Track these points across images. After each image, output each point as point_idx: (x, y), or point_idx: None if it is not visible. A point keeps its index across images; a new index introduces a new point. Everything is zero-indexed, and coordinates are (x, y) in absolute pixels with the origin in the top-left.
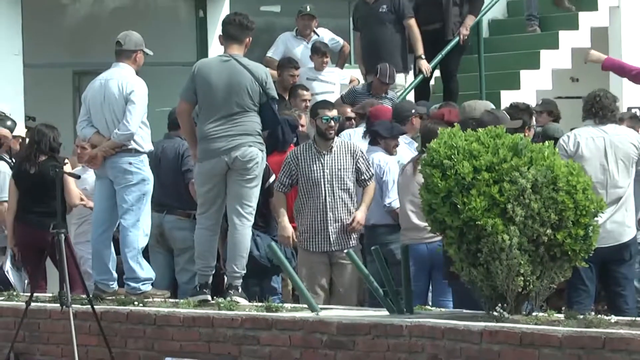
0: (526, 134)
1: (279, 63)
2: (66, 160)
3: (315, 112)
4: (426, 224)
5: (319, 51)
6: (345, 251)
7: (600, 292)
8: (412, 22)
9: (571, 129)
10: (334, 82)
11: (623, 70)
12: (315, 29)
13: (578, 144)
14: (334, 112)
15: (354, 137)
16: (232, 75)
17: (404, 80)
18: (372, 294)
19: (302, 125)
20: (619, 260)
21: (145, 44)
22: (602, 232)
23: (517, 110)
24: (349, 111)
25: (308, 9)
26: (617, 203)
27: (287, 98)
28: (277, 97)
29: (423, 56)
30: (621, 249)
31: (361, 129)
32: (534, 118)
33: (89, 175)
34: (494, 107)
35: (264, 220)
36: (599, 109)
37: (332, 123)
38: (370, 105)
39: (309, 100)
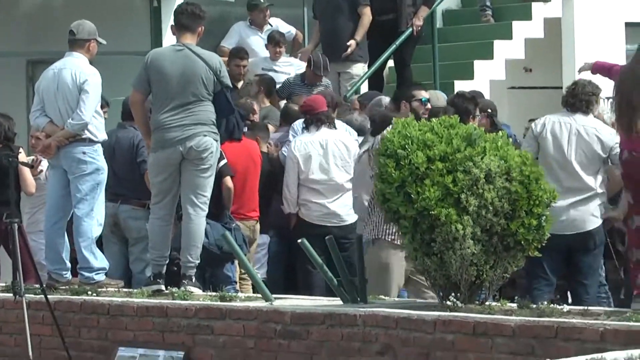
0: (470, 123)
1: (229, 53)
2: (20, 150)
3: (408, 95)
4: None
5: (273, 40)
6: (299, 241)
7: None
8: (367, 10)
9: (530, 120)
10: (289, 72)
11: (607, 71)
12: (268, 19)
13: (544, 125)
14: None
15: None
16: (187, 65)
17: (361, 70)
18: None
19: (255, 114)
20: (583, 249)
21: (99, 33)
22: (566, 219)
23: (463, 98)
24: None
25: (262, 1)
26: (580, 192)
27: (238, 88)
28: (231, 85)
29: (357, 41)
30: (586, 238)
31: None
32: (478, 108)
33: (43, 165)
34: (445, 97)
35: (216, 207)
36: (571, 97)
37: (428, 105)
38: (326, 95)
39: (245, 67)
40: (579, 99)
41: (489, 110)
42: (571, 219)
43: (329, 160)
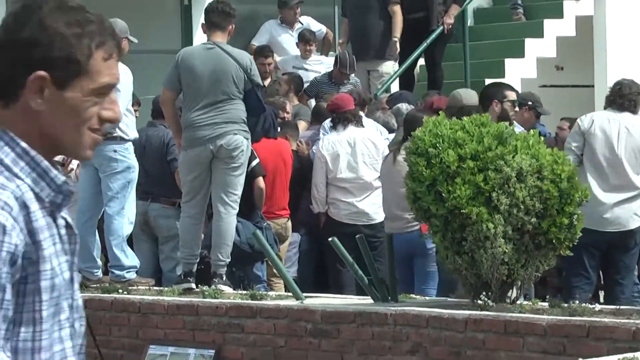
0: (493, 106)
1: (254, 51)
2: None
3: (501, 95)
4: (405, 213)
5: (304, 39)
6: (329, 239)
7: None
8: (397, 8)
9: (562, 119)
10: (319, 71)
11: None
12: (299, 17)
13: (593, 122)
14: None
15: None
16: (217, 63)
17: (391, 68)
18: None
19: (287, 113)
20: (623, 248)
21: (130, 31)
22: (610, 217)
23: (486, 87)
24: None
25: (294, 0)
26: (626, 190)
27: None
28: (261, 84)
29: (397, 39)
30: (627, 236)
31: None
32: (507, 93)
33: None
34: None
35: (247, 207)
36: (617, 97)
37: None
38: (355, 93)
39: (269, 65)
40: (627, 99)
41: (530, 103)
42: (615, 216)
43: (357, 159)
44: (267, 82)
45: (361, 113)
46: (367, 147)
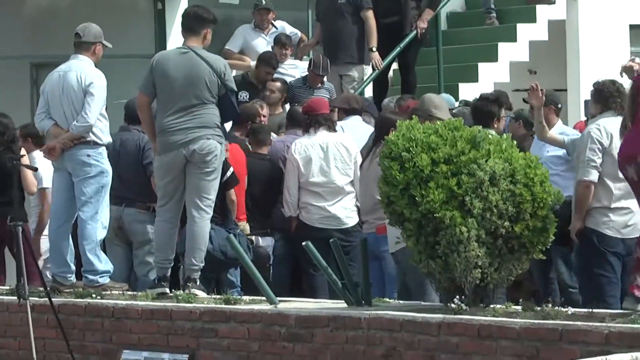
0: (495, 125)
1: (259, 57)
2: (23, 151)
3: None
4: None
5: (280, 42)
6: (303, 243)
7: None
8: (370, 13)
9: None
10: (294, 75)
11: None
12: (273, 21)
13: (611, 136)
14: None
15: (346, 129)
16: (191, 67)
17: (363, 73)
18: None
19: (264, 116)
20: None
21: (104, 36)
22: (633, 222)
23: (487, 101)
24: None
25: (264, 2)
26: None
27: (260, 89)
28: (235, 89)
29: (375, 49)
30: None
31: (348, 121)
32: (503, 109)
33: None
34: (453, 99)
35: (221, 213)
36: (617, 97)
37: None
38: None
39: (277, 91)
40: (622, 98)
41: (560, 106)
42: (635, 221)
43: (330, 163)
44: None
45: (359, 117)
46: (340, 151)
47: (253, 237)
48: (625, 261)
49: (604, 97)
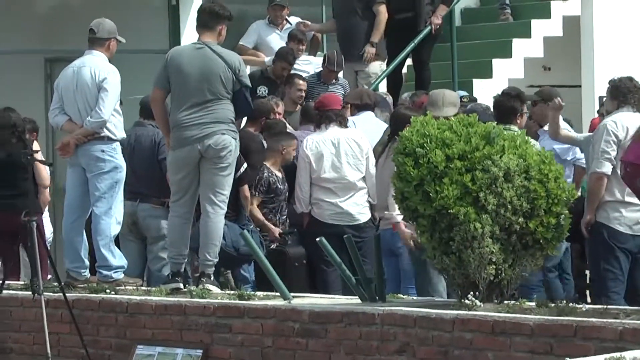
0: (518, 121)
1: (277, 52)
2: (37, 145)
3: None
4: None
5: (295, 38)
6: (317, 239)
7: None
8: (382, 8)
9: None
10: (308, 71)
11: None
12: (287, 17)
13: (627, 129)
14: None
15: (358, 125)
16: (206, 63)
17: (379, 68)
18: (345, 282)
19: (279, 113)
20: None
21: (118, 31)
22: None
23: (509, 97)
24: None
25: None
26: None
27: (279, 84)
28: (250, 85)
29: (375, 43)
30: None
31: (360, 116)
32: (525, 105)
33: None
34: (465, 94)
35: (234, 209)
36: (635, 93)
37: None
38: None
39: (304, 90)
40: None
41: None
42: None
43: (341, 159)
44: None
45: (372, 113)
46: (351, 147)
47: None
48: (636, 258)
49: (622, 92)
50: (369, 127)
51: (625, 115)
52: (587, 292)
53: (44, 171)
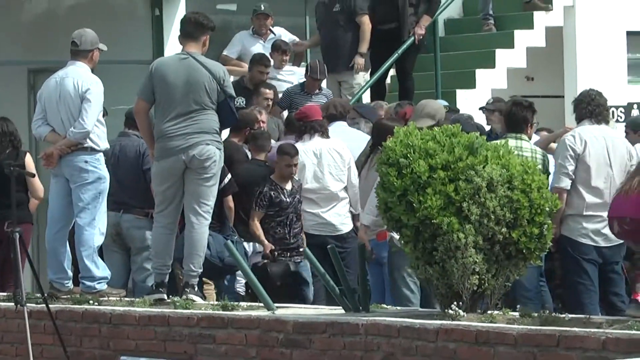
0: (528, 131)
1: (251, 58)
2: (29, 157)
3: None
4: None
5: (279, 49)
6: (301, 249)
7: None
8: (364, 19)
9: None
10: (292, 81)
11: None
12: (271, 27)
13: (585, 142)
14: None
15: (332, 135)
16: (190, 73)
17: (362, 79)
18: (329, 292)
19: (263, 122)
20: (616, 261)
21: (102, 42)
22: (608, 232)
23: (521, 107)
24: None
25: (262, 8)
26: None
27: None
28: (234, 95)
29: (362, 53)
30: (620, 249)
31: (332, 127)
32: (535, 116)
33: None
34: (446, 104)
35: (219, 220)
36: (595, 107)
37: None
38: (330, 104)
39: (271, 99)
40: (605, 108)
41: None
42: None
43: (324, 170)
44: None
45: (344, 123)
46: (333, 157)
47: (247, 244)
48: (605, 271)
49: (581, 105)
50: (342, 137)
51: (585, 129)
52: None
53: (36, 182)
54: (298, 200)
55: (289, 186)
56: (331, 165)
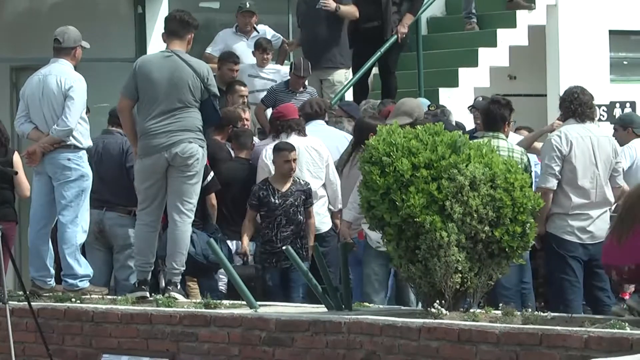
0: (505, 130)
1: (219, 57)
2: (17, 156)
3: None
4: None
5: (261, 47)
6: (283, 247)
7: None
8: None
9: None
10: (275, 80)
11: None
12: (255, 25)
13: (571, 143)
14: None
15: (310, 134)
16: (174, 71)
17: (343, 77)
18: (311, 291)
19: (247, 120)
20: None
21: (84, 40)
22: (594, 230)
23: (499, 105)
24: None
25: (247, 6)
26: (605, 205)
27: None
28: (218, 93)
29: (338, 8)
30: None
31: (309, 126)
32: (512, 114)
33: None
34: (428, 103)
35: (202, 217)
36: (578, 106)
37: None
38: (306, 103)
39: (247, 97)
40: (588, 106)
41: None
42: (597, 229)
43: (302, 167)
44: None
45: (322, 122)
46: (311, 155)
47: (231, 242)
48: (591, 266)
49: (566, 104)
50: (319, 136)
51: (571, 128)
52: None
53: (23, 180)
54: (291, 204)
55: (284, 188)
56: (309, 163)
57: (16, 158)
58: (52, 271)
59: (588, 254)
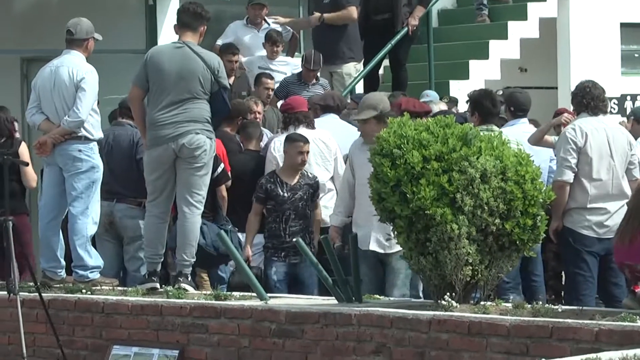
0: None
1: (220, 48)
2: (23, 146)
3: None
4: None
5: (271, 39)
6: (294, 240)
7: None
8: (351, 8)
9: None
10: (285, 72)
11: None
12: (266, 17)
13: (586, 135)
14: None
15: (321, 126)
16: (185, 62)
17: (353, 69)
18: (322, 283)
19: (259, 113)
20: None
21: (96, 31)
22: (612, 224)
23: (490, 98)
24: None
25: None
26: (622, 197)
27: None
28: (228, 86)
29: (321, 18)
30: None
31: (323, 118)
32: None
33: None
34: (436, 96)
35: (212, 209)
36: (590, 100)
37: None
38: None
39: (272, 89)
40: (600, 100)
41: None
42: (614, 223)
43: (310, 160)
44: (232, 79)
45: (335, 115)
46: (319, 147)
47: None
48: (607, 261)
49: (579, 98)
50: (331, 129)
51: (585, 121)
52: (563, 293)
53: (30, 172)
54: (300, 198)
55: (292, 181)
56: (317, 155)
57: (23, 149)
58: (63, 262)
59: (605, 249)
